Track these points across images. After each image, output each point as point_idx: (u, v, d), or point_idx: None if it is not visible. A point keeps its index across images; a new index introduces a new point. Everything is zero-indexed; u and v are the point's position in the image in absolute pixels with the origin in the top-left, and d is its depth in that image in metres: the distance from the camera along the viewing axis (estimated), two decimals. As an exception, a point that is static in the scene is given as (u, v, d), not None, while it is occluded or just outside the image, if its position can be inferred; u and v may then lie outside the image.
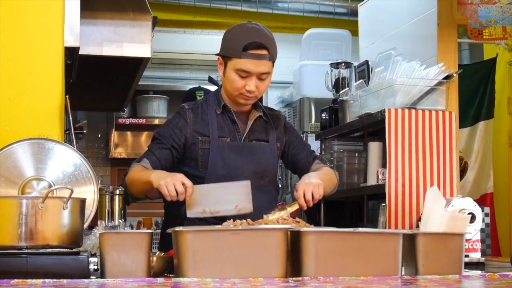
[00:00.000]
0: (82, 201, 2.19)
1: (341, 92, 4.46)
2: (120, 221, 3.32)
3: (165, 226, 2.86)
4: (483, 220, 3.54)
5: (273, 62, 2.70)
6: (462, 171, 4.66)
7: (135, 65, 3.87)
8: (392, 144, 3.65)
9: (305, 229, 1.99)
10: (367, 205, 4.27)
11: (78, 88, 3.80)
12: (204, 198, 2.53)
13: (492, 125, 5.23)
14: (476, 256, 3.11)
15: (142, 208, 6.07)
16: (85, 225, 2.29)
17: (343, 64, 4.77)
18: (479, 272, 2.33)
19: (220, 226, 2.12)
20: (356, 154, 4.36)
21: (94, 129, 6.77)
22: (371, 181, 4.00)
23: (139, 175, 2.62)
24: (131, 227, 3.82)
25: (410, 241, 2.11)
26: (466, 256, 3.02)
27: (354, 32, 5.36)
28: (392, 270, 2.03)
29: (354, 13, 5.57)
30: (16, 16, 2.69)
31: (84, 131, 4.90)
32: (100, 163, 6.89)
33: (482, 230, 3.65)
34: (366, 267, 2.00)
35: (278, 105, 6.07)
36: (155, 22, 3.74)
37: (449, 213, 2.45)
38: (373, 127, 4.08)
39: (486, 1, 3.66)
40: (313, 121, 5.50)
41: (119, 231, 2.34)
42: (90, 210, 2.40)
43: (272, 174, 2.81)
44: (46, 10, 2.72)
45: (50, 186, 2.34)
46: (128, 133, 6.54)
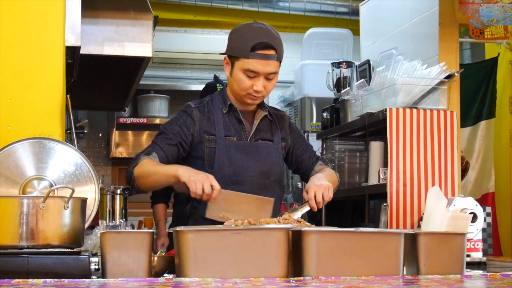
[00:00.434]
0: (83, 201, 2.19)
1: (343, 92, 4.45)
2: (121, 221, 3.32)
3: (173, 226, 2.87)
4: (485, 220, 3.54)
5: (280, 62, 2.70)
6: (464, 171, 4.66)
7: (136, 65, 3.87)
8: (394, 144, 3.65)
9: (307, 229, 1.99)
10: (369, 205, 4.26)
11: (79, 88, 3.80)
12: (227, 204, 2.55)
13: (494, 125, 5.23)
14: (478, 256, 3.10)
15: (143, 208, 6.07)
16: (86, 225, 2.29)
17: (345, 64, 4.77)
18: (481, 272, 2.32)
19: (222, 226, 2.12)
20: (358, 154, 4.36)
21: (95, 129, 6.77)
22: (373, 181, 4.00)
23: (159, 169, 2.60)
24: (132, 227, 3.82)
25: (412, 241, 2.11)
26: (468, 256, 3.02)
27: (356, 32, 5.36)
28: (394, 270, 2.02)
29: (356, 13, 5.57)
30: (17, 16, 2.68)
31: (85, 131, 4.89)
32: (101, 163, 6.88)
33: (484, 230, 3.65)
34: (368, 267, 2.00)
35: (280, 105, 6.06)
36: (156, 22, 3.74)
37: (451, 213, 2.45)
38: (375, 127, 4.08)
39: (488, 1, 3.66)
40: (315, 121, 5.50)
41: (120, 231, 2.34)
42: (91, 210, 2.39)
43: (277, 174, 2.81)
44: (47, 10, 2.72)
45: (51, 186, 2.34)
46: (129, 133, 6.53)
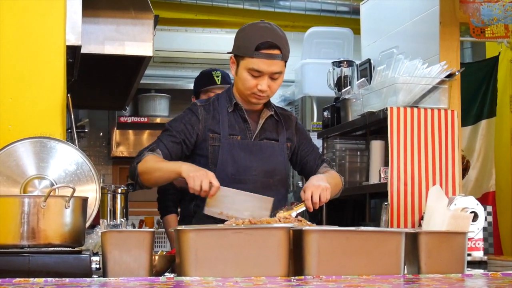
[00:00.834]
0: (84, 200, 2.19)
1: (343, 91, 4.45)
2: (122, 220, 3.32)
3: (179, 224, 2.89)
4: (485, 219, 3.54)
5: (286, 62, 2.70)
6: (464, 170, 4.65)
7: (137, 64, 3.86)
8: (394, 143, 3.65)
9: (308, 228, 1.99)
10: (369, 204, 4.26)
11: (80, 87, 3.79)
12: (225, 201, 2.55)
13: (494, 124, 5.22)
14: (479, 255, 3.10)
15: (144, 207, 6.07)
16: (87, 224, 2.29)
17: (345, 63, 4.77)
18: (482, 271, 2.33)
19: (222, 225, 2.12)
20: (358, 153, 4.36)
21: (96, 128, 6.77)
22: (373, 180, 4.00)
23: (163, 165, 2.63)
24: (133, 226, 3.82)
25: (413, 240, 2.11)
26: (469, 255, 3.02)
27: (356, 31, 5.35)
28: (395, 269, 2.02)
29: (356, 12, 5.56)
30: (18, 15, 2.68)
31: (86, 130, 4.88)
32: (102, 162, 6.88)
33: (484, 229, 3.65)
34: (369, 266, 2.00)
35: (280, 104, 6.06)
36: (157, 21, 3.74)
37: (452, 212, 2.45)
38: (375, 126, 4.08)
39: (489, 0, 3.66)
40: (315, 120, 5.50)
41: (121, 230, 2.35)
42: (92, 209, 2.40)
43: (282, 174, 2.81)
44: (48, 9, 2.72)
45: (52, 185, 2.34)
46: (130, 132, 6.52)
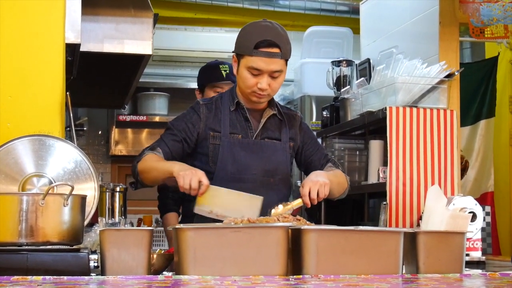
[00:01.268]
0: (83, 198, 2.18)
1: (343, 90, 4.45)
2: (121, 218, 3.32)
3: (182, 223, 2.89)
4: (484, 219, 3.54)
5: (287, 60, 2.69)
6: (463, 170, 4.65)
7: (136, 62, 3.86)
8: (393, 143, 3.65)
9: (306, 227, 1.99)
10: (368, 204, 4.26)
11: (79, 85, 3.80)
12: (215, 200, 2.55)
13: (493, 124, 5.23)
14: (477, 255, 3.10)
15: (143, 206, 6.07)
16: (86, 222, 2.29)
17: (345, 62, 4.77)
18: (480, 271, 2.32)
19: (221, 224, 2.12)
20: (357, 152, 4.36)
21: (95, 126, 6.77)
22: (372, 179, 4.00)
23: (159, 165, 2.65)
24: (132, 224, 3.81)
25: (411, 240, 2.11)
26: (467, 255, 3.02)
27: (356, 30, 5.35)
28: (393, 269, 2.02)
29: (356, 11, 5.56)
30: (17, 13, 2.68)
31: (85, 128, 4.88)
32: (101, 160, 6.88)
33: (483, 229, 3.65)
34: (367, 266, 2.00)
35: (279, 103, 6.05)
36: (156, 19, 3.74)
37: (450, 212, 2.45)
38: (374, 125, 4.08)
39: (488, 0, 3.65)
40: (314, 119, 5.49)
41: (120, 228, 2.35)
42: (91, 207, 2.39)
43: (283, 173, 2.80)
44: (48, 7, 2.72)
45: (51, 183, 2.34)
46: (129, 130, 6.52)
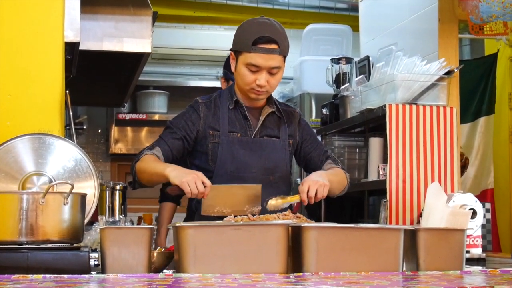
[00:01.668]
0: (83, 196, 2.18)
1: (342, 88, 4.45)
2: (121, 217, 3.31)
3: (185, 221, 2.89)
4: (484, 216, 3.54)
5: (285, 57, 2.69)
6: (463, 167, 4.65)
7: (135, 61, 3.86)
8: (393, 140, 3.65)
9: (306, 225, 1.99)
10: (368, 201, 4.26)
11: (78, 83, 3.79)
12: (218, 198, 2.56)
13: (493, 121, 5.22)
14: (477, 252, 3.10)
15: (143, 204, 6.07)
16: (86, 221, 2.29)
17: (344, 60, 4.77)
18: (480, 268, 2.32)
19: (221, 222, 2.12)
20: (357, 150, 4.36)
21: (94, 125, 6.77)
22: (372, 177, 4.00)
23: (152, 166, 2.63)
24: (132, 223, 3.81)
25: (411, 237, 2.11)
26: (467, 252, 3.02)
27: (355, 28, 5.35)
28: (393, 266, 2.03)
29: (355, 8, 5.55)
30: (17, 11, 2.68)
31: (84, 127, 4.89)
32: (100, 159, 6.88)
33: (483, 226, 3.65)
34: (367, 263, 2.00)
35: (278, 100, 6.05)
36: (156, 17, 3.74)
37: (450, 209, 2.45)
38: (374, 123, 4.08)
39: (487, -3, 3.65)
40: (314, 117, 5.49)
41: (120, 227, 2.35)
42: (91, 206, 2.39)
43: (283, 171, 2.80)
44: (47, 5, 2.72)
45: (51, 181, 2.34)
46: (128, 129, 6.52)
